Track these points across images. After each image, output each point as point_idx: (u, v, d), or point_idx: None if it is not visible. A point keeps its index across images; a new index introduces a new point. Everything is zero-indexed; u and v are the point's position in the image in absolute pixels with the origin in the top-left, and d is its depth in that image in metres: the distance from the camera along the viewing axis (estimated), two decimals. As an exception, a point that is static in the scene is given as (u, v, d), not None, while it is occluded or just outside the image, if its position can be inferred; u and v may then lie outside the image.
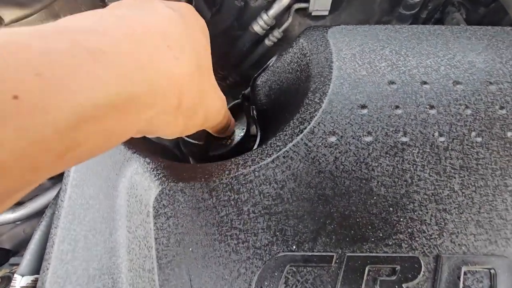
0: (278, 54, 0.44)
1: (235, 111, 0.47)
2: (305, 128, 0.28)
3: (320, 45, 0.35)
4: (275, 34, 0.94)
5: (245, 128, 0.45)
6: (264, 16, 0.88)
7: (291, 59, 0.39)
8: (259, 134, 0.44)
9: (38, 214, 0.62)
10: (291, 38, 1.02)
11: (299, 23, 0.99)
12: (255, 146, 0.43)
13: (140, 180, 0.28)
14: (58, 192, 0.43)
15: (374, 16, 0.97)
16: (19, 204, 0.60)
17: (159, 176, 0.28)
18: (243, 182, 0.26)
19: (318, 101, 0.30)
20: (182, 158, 0.42)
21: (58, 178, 0.69)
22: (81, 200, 0.29)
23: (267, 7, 0.87)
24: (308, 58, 0.35)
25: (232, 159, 0.29)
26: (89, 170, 0.30)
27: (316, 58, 0.34)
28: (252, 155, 0.28)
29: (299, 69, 0.37)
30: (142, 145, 0.35)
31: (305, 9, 0.92)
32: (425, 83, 0.30)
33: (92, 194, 0.29)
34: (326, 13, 0.92)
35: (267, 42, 0.96)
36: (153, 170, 0.28)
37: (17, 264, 0.53)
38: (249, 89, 0.55)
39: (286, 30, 0.95)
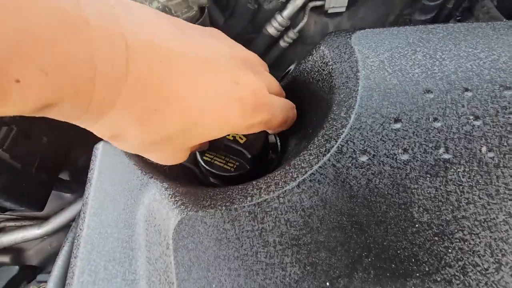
0: (297, 61, 0.42)
1: None
2: (332, 147, 0.26)
3: (344, 53, 0.32)
4: (290, 35, 0.91)
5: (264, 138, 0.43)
6: (279, 18, 0.85)
7: (311, 67, 0.37)
8: (279, 147, 0.42)
9: (64, 228, 0.63)
10: (306, 38, 0.99)
11: (314, 21, 0.95)
12: (276, 160, 0.41)
13: (158, 208, 0.27)
14: (80, 213, 0.43)
15: (394, 9, 0.92)
16: (44, 220, 0.61)
17: (178, 204, 0.26)
18: (267, 209, 0.24)
19: (344, 115, 0.28)
20: (201, 177, 0.41)
21: (80, 192, 0.70)
22: (99, 229, 0.28)
23: (281, 8, 0.85)
24: (330, 67, 0.33)
25: (254, 183, 0.27)
26: (107, 198, 0.29)
27: (340, 67, 0.31)
28: (275, 178, 0.26)
29: (320, 79, 0.34)
30: (160, 167, 0.34)
31: (321, 7, 0.89)
32: (466, 90, 0.27)
33: (110, 222, 0.28)
34: (343, 9, 0.88)
35: (282, 43, 0.94)
36: (171, 197, 0.27)
37: (45, 281, 0.54)
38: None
39: (302, 30, 0.92)
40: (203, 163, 0.40)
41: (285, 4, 0.83)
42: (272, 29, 0.86)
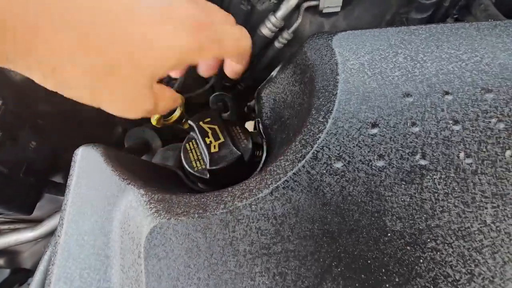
0: (282, 64, 0.41)
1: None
2: (308, 153, 0.25)
3: (325, 55, 0.31)
4: (285, 35, 0.90)
5: (250, 140, 0.42)
6: (272, 19, 0.84)
7: (294, 70, 0.36)
8: (265, 151, 0.42)
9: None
10: (302, 38, 0.98)
11: (310, 21, 0.94)
12: (261, 164, 0.41)
13: (133, 215, 0.27)
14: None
15: (390, 8, 0.90)
16: (38, 222, 0.62)
17: (152, 211, 0.26)
18: (239, 217, 0.24)
19: (322, 120, 0.27)
20: (188, 182, 0.41)
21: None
22: (76, 236, 0.28)
23: (274, 9, 0.84)
24: (311, 70, 0.32)
25: (229, 189, 0.27)
26: (85, 204, 0.29)
27: (321, 70, 0.31)
28: (250, 185, 0.26)
29: (302, 82, 0.34)
30: (142, 172, 0.34)
31: (316, 7, 0.88)
32: (447, 93, 0.26)
33: (87, 229, 0.28)
34: (338, 9, 0.87)
35: (277, 44, 0.93)
36: (146, 204, 0.27)
37: (36, 285, 0.54)
38: (254, 101, 0.53)
39: (297, 31, 0.91)
40: (182, 147, 0.41)
41: (278, 4, 0.83)
42: (266, 30, 0.86)
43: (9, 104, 0.44)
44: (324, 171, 0.24)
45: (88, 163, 0.32)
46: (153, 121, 0.38)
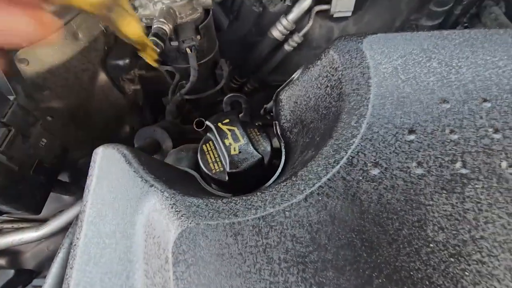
0: (304, 66, 0.41)
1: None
2: (342, 158, 0.25)
3: (355, 58, 0.31)
4: (295, 38, 0.90)
5: (269, 143, 0.41)
6: (284, 21, 0.84)
7: (319, 73, 0.36)
8: (283, 154, 0.41)
9: (62, 231, 0.62)
10: (311, 41, 0.98)
11: (319, 25, 0.94)
12: (280, 167, 0.40)
13: (158, 219, 0.26)
14: (77, 217, 0.42)
15: (401, 14, 0.91)
16: (42, 222, 0.60)
17: (178, 215, 0.25)
18: (272, 224, 0.23)
19: (355, 125, 0.26)
20: (203, 184, 0.39)
21: (79, 194, 0.68)
22: (97, 239, 0.27)
23: (286, 12, 0.84)
24: (340, 73, 0.31)
25: (259, 194, 0.26)
26: (106, 206, 0.28)
27: (350, 73, 0.30)
28: (281, 190, 0.25)
29: (329, 85, 0.33)
30: (162, 173, 0.33)
31: (326, 11, 0.88)
32: (485, 100, 0.26)
33: (108, 232, 0.27)
34: (349, 14, 0.87)
35: (286, 47, 0.93)
36: (171, 207, 0.26)
37: (39, 286, 0.53)
38: (271, 103, 0.52)
39: (306, 34, 0.91)
40: (199, 148, 0.40)
41: (290, 7, 0.82)
42: (277, 32, 0.85)
43: (21, 99, 0.43)
44: (361, 178, 0.23)
45: (108, 164, 0.31)
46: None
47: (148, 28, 0.65)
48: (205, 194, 0.36)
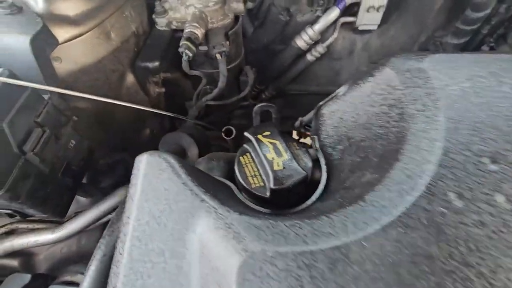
0: (352, 81, 0.39)
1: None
2: (418, 185, 0.23)
3: (417, 77, 0.29)
4: (319, 49, 0.89)
5: (309, 158, 0.40)
6: (310, 31, 0.83)
7: (372, 89, 0.34)
8: (324, 171, 0.39)
9: (77, 233, 0.60)
10: (333, 53, 0.97)
11: (343, 37, 0.94)
12: (322, 185, 0.38)
13: (214, 240, 0.24)
14: (110, 226, 0.40)
15: (426, 30, 0.90)
16: (58, 223, 0.58)
17: (239, 238, 0.23)
18: (350, 256, 0.21)
19: (427, 149, 0.25)
20: (240, 196, 0.38)
21: (98, 196, 0.67)
22: (143, 256, 0.25)
23: (312, 22, 0.83)
24: (400, 92, 0.30)
25: (325, 218, 0.24)
26: (153, 220, 0.27)
27: (413, 93, 0.29)
28: (351, 216, 0.23)
29: (385, 104, 0.32)
30: (209, 185, 0.31)
31: (351, 23, 0.87)
32: None
33: (156, 249, 0.25)
34: (375, 27, 0.86)
35: (309, 57, 0.92)
36: (229, 228, 0.24)
37: (56, 293, 0.51)
38: (308, 116, 0.51)
39: (329, 45, 0.91)
40: (236, 160, 0.38)
41: (317, 18, 0.82)
42: (301, 41, 0.84)
43: (54, 98, 0.41)
44: (445, 210, 0.22)
45: (154, 173, 0.29)
46: None
47: (177, 31, 0.64)
48: (245, 208, 0.34)
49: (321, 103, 0.42)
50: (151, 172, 0.29)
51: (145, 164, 0.30)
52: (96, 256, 0.34)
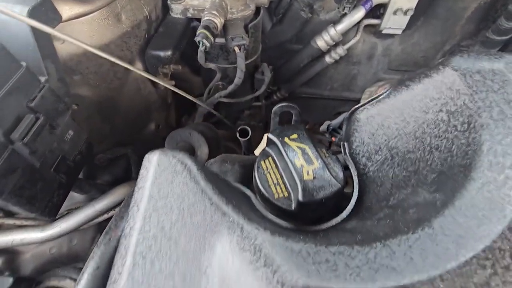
0: (397, 83, 0.34)
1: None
2: (503, 210, 0.18)
3: (492, 81, 0.24)
4: (339, 51, 0.84)
5: (340, 168, 0.34)
6: (332, 31, 0.78)
7: (426, 93, 0.29)
8: (356, 183, 0.34)
9: (69, 233, 0.54)
10: (352, 56, 0.92)
11: (363, 40, 0.89)
12: (353, 200, 0.33)
13: (240, 266, 0.19)
14: (106, 233, 0.34)
15: (453, 38, 0.85)
16: (49, 222, 0.53)
17: (273, 267, 0.18)
18: None
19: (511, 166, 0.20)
20: (259, 206, 0.33)
21: (92, 193, 0.61)
22: (147, 278, 0.20)
23: (335, 21, 0.78)
24: (467, 97, 0.25)
25: (381, 246, 0.19)
26: (161, 234, 0.21)
27: (488, 99, 0.24)
28: (417, 247, 0.18)
29: (445, 110, 0.27)
30: (229, 194, 0.26)
31: (375, 26, 0.82)
32: None
33: (164, 271, 0.20)
34: (400, 32, 0.81)
35: (327, 59, 0.87)
36: (259, 251, 0.19)
37: (40, 301, 0.45)
38: (337, 119, 0.46)
39: (349, 48, 0.86)
40: (256, 165, 0.33)
41: (341, 18, 0.76)
42: (322, 42, 0.79)
43: (53, 82, 0.36)
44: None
45: (166, 176, 0.24)
46: None
47: (194, 20, 0.59)
48: (273, 225, 0.29)
49: (356, 106, 0.37)
50: (163, 174, 0.24)
51: (155, 165, 0.25)
52: (87, 269, 0.29)
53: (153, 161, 0.25)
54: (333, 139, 0.45)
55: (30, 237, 0.51)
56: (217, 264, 0.20)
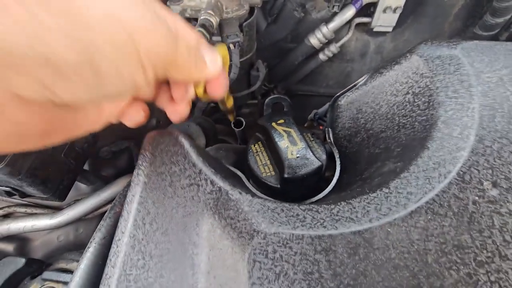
0: (373, 72, 0.38)
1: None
2: (449, 172, 0.21)
3: (448, 64, 0.28)
4: (332, 48, 0.87)
5: (324, 150, 0.38)
6: (324, 29, 0.82)
7: (396, 78, 0.32)
8: (338, 164, 0.38)
9: (76, 221, 0.58)
10: (345, 54, 0.96)
11: (356, 38, 0.92)
12: (335, 178, 0.36)
13: (223, 224, 0.22)
14: (111, 209, 0.38)
15: (442, 35, 0.89)
16: (56, 210, 0.57)
17: (251, 220, 0.21)
18: (371, 241, 0.19)
19: (459, 136, 0.23)
20: (250, 186, 0.36)
21: (97, 184, 0.65)
22: (146, 236, 0.23)
23: (327, 20, 0.82)
24: (427, 79, 0.28)
25: (343, 204, 0.22)
26: (159, 201, 0.25)
27: (444, 80, 0.27)
28: (373, 202, 0.21)
29: (411, 92, 0.30)
30: (219, 168, 0.29)
31: (366, 24, 0.86)
32: None
33: (163, 230, 0.24)
34: (390, 29, 0.85)
35: (321, 56, 0.90)
36: (237, 208, 0.22)
37: (51, 280, 0.49)
38: (323, 108, 0.49)
39: (342, 46, 0.89)
40: (248, 148, 0.37)
41: (332, 16, 0.80)
42: (314, 40, 0.83)
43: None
44: (477, 198, 0.20)
45: (163, 153, 0.27)
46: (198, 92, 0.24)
47: (191, 20, 0.63)
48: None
49: (338, 94, 0.40)
50: (160, 150, 0.28)
51: (152, 142, 0.28)
52: (95, 239, 0.32)
53: (151, 140, 0.28)
54: (320, 127, 0.48)
55: (40, 224, 0.55)
56: (205, 222, 0.23)
